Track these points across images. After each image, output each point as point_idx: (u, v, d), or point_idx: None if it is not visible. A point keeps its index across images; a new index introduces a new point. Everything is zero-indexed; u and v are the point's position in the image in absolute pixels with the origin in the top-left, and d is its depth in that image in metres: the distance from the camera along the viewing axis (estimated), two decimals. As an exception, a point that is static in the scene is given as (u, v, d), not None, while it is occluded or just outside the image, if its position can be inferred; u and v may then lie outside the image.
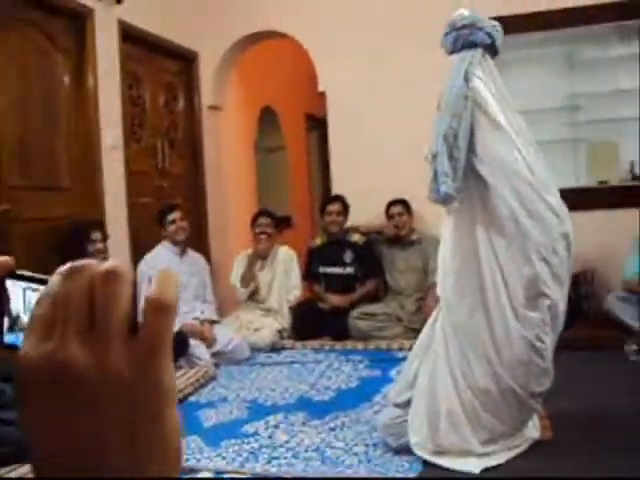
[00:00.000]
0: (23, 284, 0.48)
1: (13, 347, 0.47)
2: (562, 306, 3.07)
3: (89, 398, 0.40)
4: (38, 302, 0.43)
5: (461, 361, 3.07)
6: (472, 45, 3.12)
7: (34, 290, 0.48)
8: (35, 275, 0.49)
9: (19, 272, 0.49)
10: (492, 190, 3.01)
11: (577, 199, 5.71)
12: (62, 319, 0.41)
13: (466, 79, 3.03)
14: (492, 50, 3.17)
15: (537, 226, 2.98)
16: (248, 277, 5.76)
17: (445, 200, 3.05)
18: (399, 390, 3.26)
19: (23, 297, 0.48)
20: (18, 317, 0.48)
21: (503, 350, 3.01)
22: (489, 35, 3.13)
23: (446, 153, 2.99)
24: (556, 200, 3.07)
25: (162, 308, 0.42)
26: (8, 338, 0.48)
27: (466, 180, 3.04)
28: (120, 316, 0.41)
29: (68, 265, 0.43)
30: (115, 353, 0.41)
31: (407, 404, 3.16)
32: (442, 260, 3.21)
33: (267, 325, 5.61)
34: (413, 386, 3.17)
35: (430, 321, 3.27)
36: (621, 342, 4.75)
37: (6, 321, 0.48)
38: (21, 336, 0.46)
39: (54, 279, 0.43)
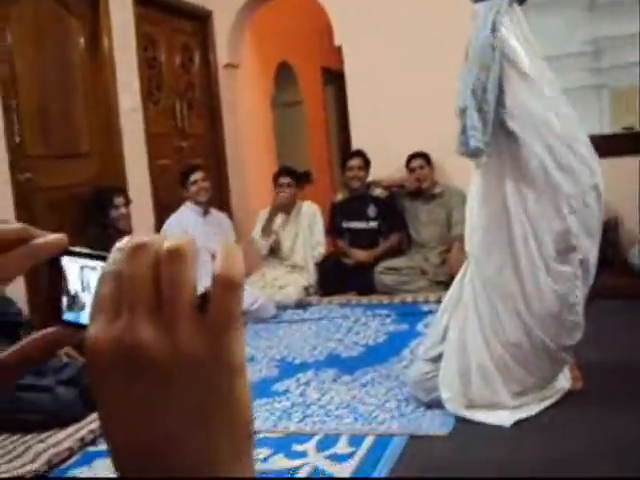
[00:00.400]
0: (80, 261, 0.48)
1: (74, 324, 0.47)
2: (593, 259, 3.05)
3: (163, 380, 0.39)
4: (102, 280, 0.41)
5: (491, 315, 3.07)
6: None
7: (92, 269, 0.47)
8: (92, 252, 0.48)
9: (74, 249, 0.48)
10: (522, 144, 2.97)
11: (601, 146, 5.61)
12: (129, 299, 0.40)
13: (493, 29, 2.96)
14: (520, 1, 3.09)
15: (568, 178, 2.94)
16: (268, 229, 5.75)
17: (475, 154, 3.01)
18: (429, 345, 3.27)
19: (80, 275, 0.48)
20: (76, 296, 0.48)
21: (533, 303, 3.00)
22: None
23: (475, 107, 2.94)
24: (586, 149, 3.02)
25: (231, 284, 0.40)
26: (68, 316, 0.48)
27: (495, 134, 2.99)
28: (188, 296, 0.40)
29: (129, 241, 0.41)
30: (186, 333, 0.39)
31: (437, 359, 3.18)
32: (470, 215, 3.19)
33: (292, 282, 5.62)
34: (443, 341, 3.18)
35: (459, 276, 3.26)
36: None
37: (65, 300, 0.48)
38: (82, 315, 0.47)
39: (116, 256, 0.41)
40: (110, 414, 0.41)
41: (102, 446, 3.09)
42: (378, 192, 5.84)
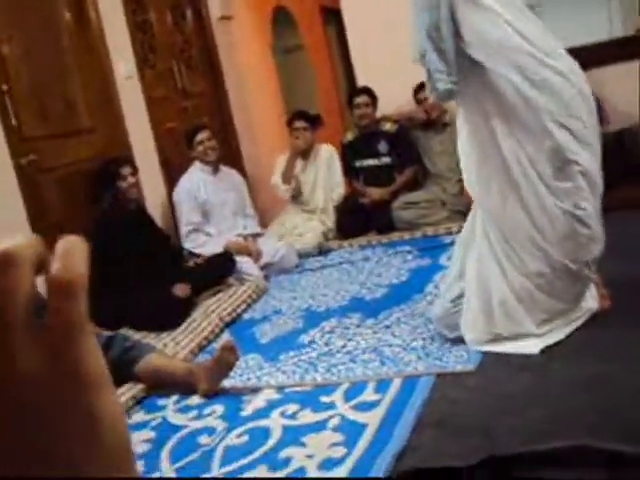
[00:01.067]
0: None
1: None
2: (595, 169, 2.95)
3: (10, 402, 0.34)
4: None
5: (505, 249, 3.01)
6: None
7: None
8: None
9: None
10: (492, 72, 2.87)
11: (614, 51, 5.49)
12: None
13: None
14: None
15: (545, 94, 2.84)
16: (288, 175, 5.70)
17: (447, 96, 2.97)
18: (449, 284, 3.23)
19: None
20: None
21: (545, 228, 2.93)
22: None
23: (433, 49, 2.87)
24: (563, 62, 2.91)
25: (68, 288, 0.35)
26: None
27: (463, 68, 2.90)
28: (21, 306, 0.34)
29: None
30: (22, 348, 0.34)
31: (458, 298, 3.14)
32: (462, 153, 3.13)
33: (310, 229, 5.59)
34: (461, 278, 3.14)
35: (470, 214, 3.21)
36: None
37: None
38: None
39: None
40: None
41: (134, 418, 3.12)
42: (388, 127, 5.73)
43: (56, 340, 0.35)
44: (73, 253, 0.36)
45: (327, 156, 5.83)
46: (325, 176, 5.80)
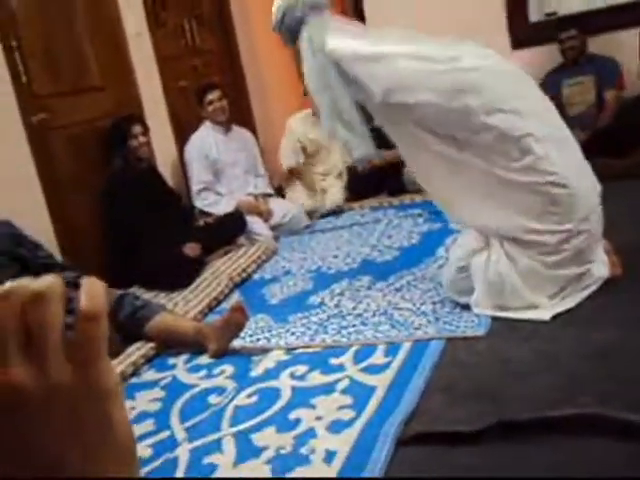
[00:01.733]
0: None
1: None
2: (551, 127, 2.96)
3: (40, 410, 0.43)
4: None
5: (506, 245, 3.02)
6: (301, 23, 3.20)
7: None
8: None
9: None
10: (417, 106, 2.97)
11: (625, 15, 5.40)
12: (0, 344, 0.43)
13: (316, 52, 3.11)
14: (318, 7, 3.22)
15: (470, 94, 2.89)
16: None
17: (366, 158, 3.32)
18: (456, 252, 3.23)
19: None
20: None
21: (528, 210, 2.93)
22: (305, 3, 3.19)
23: (339, 123, 3.10)
24: (471, 57, 2.98)
25: (93, 317, 0.44)
26: None
27: (391, 118, 3.10)
28: (55, 332, 0.43)
29: None
30: (56, 365, 0.43)
31: (465, 268, 3.13)
32: (431, 192, 3.35)
33: (333, 185, 5.60)
34: (470, 249, 3.14)
35: None
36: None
37: None
38: None
39: None
40: None
41: (144, 376, 3.14)
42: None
43: (82, 357, 0.44)
44: (95, 289, 0.45)
45: None
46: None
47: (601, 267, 3.11)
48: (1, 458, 0.43)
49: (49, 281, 0.44)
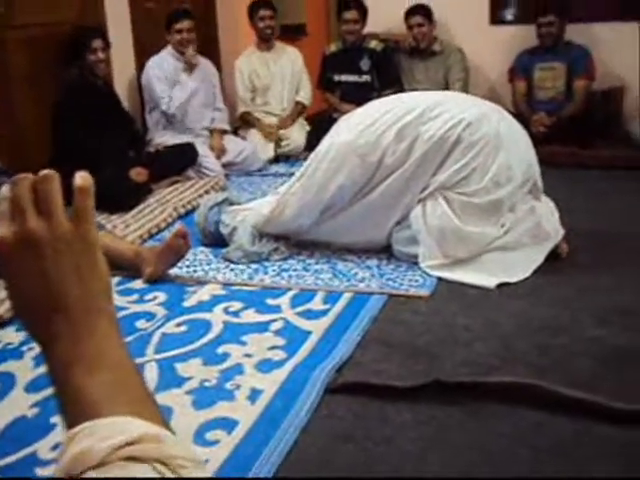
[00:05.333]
0: None
1: None
2: (452, 118, 3.06)
3: (48, 251, 0.61)
4: None
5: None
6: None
7: None
8: None
9: None
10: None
11: (606, 8, 5.36)
12: (18, 210, 0.61)
13: None
14: None
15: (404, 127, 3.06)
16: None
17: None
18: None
19: None
20: None
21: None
22: None
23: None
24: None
25: (86, 190, 0.63)
26: None
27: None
28: (57, 200, 0.63)
29: (13, 178, 0.63)
30: (59, 222, 0.62)
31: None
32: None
33: (295, 129, 5.51)
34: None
35: None
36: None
37: None
38: None
39: (4, 189, 0.62)
40: (15, 282, 0.62)
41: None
42: (373, 44, 5.55)
43: (79, 218, 0.63)
44: (85, 174, 0.64)
45: (293, 57, 5.66)
46: (290, 77, 5.62)
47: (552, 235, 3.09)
48: (20, 287, 0.62)
49: (50, 170, 0.63)
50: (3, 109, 3.90)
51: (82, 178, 0.63)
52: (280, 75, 5.60)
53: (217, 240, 3.38)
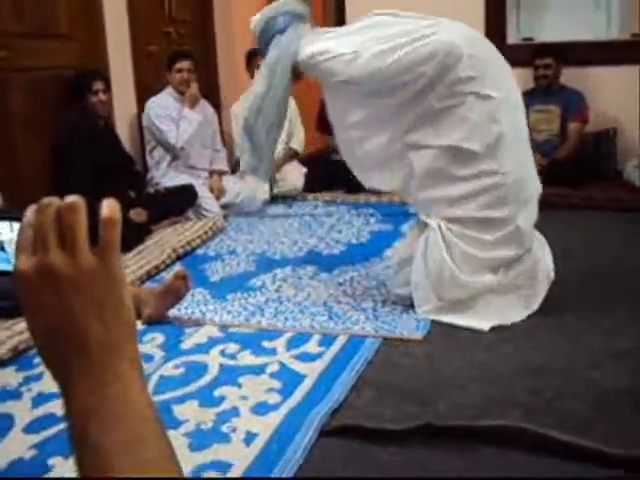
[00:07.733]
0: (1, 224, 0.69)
1: (3, 273, 0.68)
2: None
3: (69, 287, 0.59)
4: (21, 230, 0.60)
5: (441, 224, 3.05)
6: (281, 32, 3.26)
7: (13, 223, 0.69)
8: (9, 213, 0.70)
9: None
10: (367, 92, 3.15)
11: (605, 52, 5.46)
12: (41, 240, 0.59)
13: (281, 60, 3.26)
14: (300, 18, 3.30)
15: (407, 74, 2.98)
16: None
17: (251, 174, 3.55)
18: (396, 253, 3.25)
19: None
20: (2, 247, 0.69)
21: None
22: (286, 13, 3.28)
23: (247, 142, 3.36)
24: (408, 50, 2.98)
25: (113, 223, 0.59)
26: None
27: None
28: (82, 232, 0.59)
29: (38, 202, 0.60)
30: (83, 255, 0.59)
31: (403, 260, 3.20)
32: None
33: (292, 170, 5.57)
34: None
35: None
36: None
37: None
38: (4, 264, 0.69)
39: (29, 213, 0.60)
40: (33, 317, 0.60)
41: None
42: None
43: (104, 252, 0.60)
44: (113, 204, 0.60)
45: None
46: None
47: (545, 280, 3.12)
48: (38, 322, 0.60)
49: (77, 197, 0.59)
50: (4, 151, 3.96)
51: (109, 208, 0.59)
52: None
53: None
